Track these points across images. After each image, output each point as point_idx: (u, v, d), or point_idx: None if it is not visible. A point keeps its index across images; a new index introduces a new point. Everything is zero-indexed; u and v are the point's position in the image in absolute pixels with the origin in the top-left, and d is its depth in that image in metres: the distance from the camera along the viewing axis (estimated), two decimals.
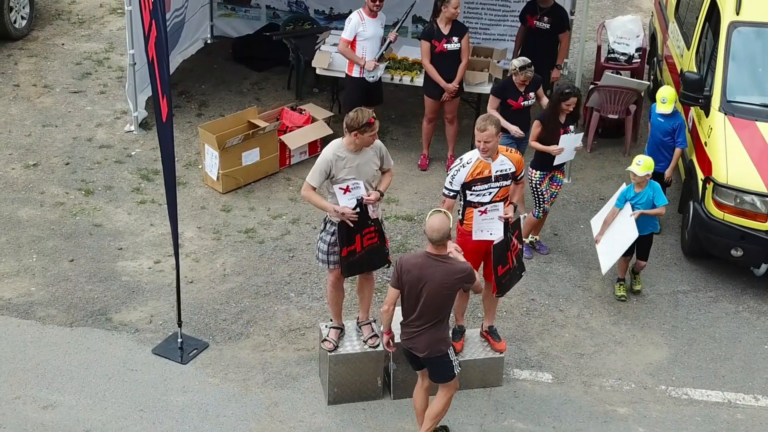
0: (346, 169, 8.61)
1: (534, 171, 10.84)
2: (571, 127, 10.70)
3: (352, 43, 11.98)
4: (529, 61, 11.03)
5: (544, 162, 10.77)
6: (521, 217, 11.15)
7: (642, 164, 10.19)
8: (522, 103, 11.16)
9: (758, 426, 9.23)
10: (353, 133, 8.55)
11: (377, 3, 11.85)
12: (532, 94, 11.21)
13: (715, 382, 9.70)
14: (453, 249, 9.00)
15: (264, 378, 9.47)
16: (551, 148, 10.59)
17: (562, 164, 10.93)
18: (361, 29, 11.89)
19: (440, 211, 8.18)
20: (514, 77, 11.06)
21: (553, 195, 11.06)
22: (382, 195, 8.94)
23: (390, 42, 12.19)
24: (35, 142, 12.82)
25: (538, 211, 10.98)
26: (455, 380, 8.52)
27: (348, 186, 8.60)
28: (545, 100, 11.29)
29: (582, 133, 10.84)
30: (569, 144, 10.66)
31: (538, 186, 10.86)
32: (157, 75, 9.04)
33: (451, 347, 8.43)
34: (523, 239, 10.83)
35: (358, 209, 8.66)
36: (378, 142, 8.83)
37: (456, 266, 8.11)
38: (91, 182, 12.12)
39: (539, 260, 11.14)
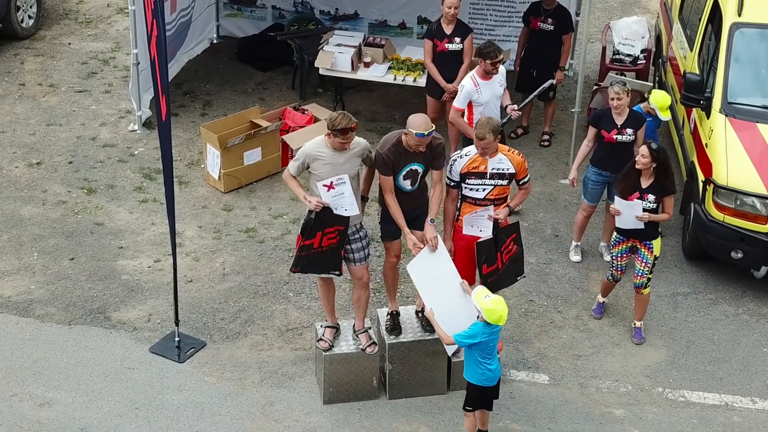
0: (326, 166, 8.61)
1: (614, 232, 10.02)
2: (650, 197, 9.56)
3: (469, 109, 11.07)
4: (625, 81, 10.15)
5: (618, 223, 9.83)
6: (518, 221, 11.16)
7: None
8: (614, 137, 10.36)
9: (755, 429, 9.20)
10: (327, 132, 8.60)
11: (497, 65, 10.88)
12: (629, 131, 10.38)
13: (713, 384, 9.66)
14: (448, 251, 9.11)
15: (260, 377, 9.49)
16: (611, 206, 9.81)
17: (649, 238, 9.75)
18: (476, 96, 10.93)
19: None
20: (610, 100, 10.41)
21: (639, 273, 9.82)
22: (366, 199, 9.04)
23: (509, 117, 11.20)
24: (39, 141, 12.88)
25: (608, 273, 10.14)
26: None
27: (332, 182, 8.60)
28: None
29: (641, 202, 9.55)
30: (626, 210, 9.59)
31: (611, 249, 10.01)
32: (158, 74, 9.07)
33: None
34: (599, 299, 10.38)
35: (328, 205, 8.65)
36: (363, 141, 8.82)
37: None
38: (94, 181, 12.17)
39: (539, 261, 11.12)
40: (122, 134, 13.11)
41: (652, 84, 13.65)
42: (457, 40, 11.95)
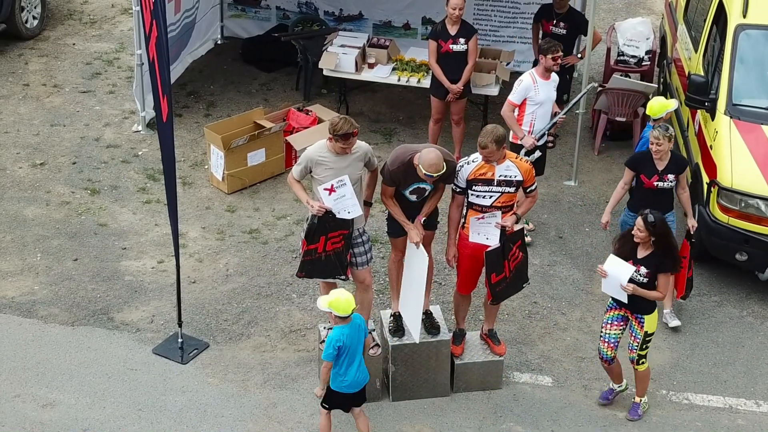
0: (329, 171, 8.60)
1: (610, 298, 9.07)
2: (642, 269, 8.62)
3: (522, 107, 10.84)
4: (669, 128, 9.71)
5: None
6: (524, 227, 11.11)
7: None
8: (655, 183, 9.73)
9: None
10: (329, 137, 8.58)
11: (558, 61, 10.73)
12: (671, 177, 9.75)
13: (717, 387, 9.64)
14: (451, 257, 9.09)
15: (263, 379, 9.48)
16: (599, 266, 8.86)
17: (641, 312, 8.81)
18: (533, 93, 10.69)
19: None
20: (650, 145, 9.70)
21: (630, 347, 8.90)
22: (369, 204, 9.08)
23: (557, 118, 10.94)
24: (43, 142, 12.88)
25: (598, 346, 9.10)
26: None
27: (332, 185, 8.58)
28: (686, 194, 9.95)
29: (631, 271, 8.62)
30: (615, 272, 8.67)
31: (603, 316, 9.09)
32: (157, 75, 9.06)
33: None
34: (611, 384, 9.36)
35: (330, 210, 8.64)
36: (365, 145, 8.81)
37: None
38: (98, 182, 12.16)
39: (543, 263, 11.10)
40: (126, 135, 13.11)
41: (655, 85, 13.65)
42: (462, 41, 11.93)
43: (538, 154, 10.78)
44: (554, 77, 10.94)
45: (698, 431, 9.15)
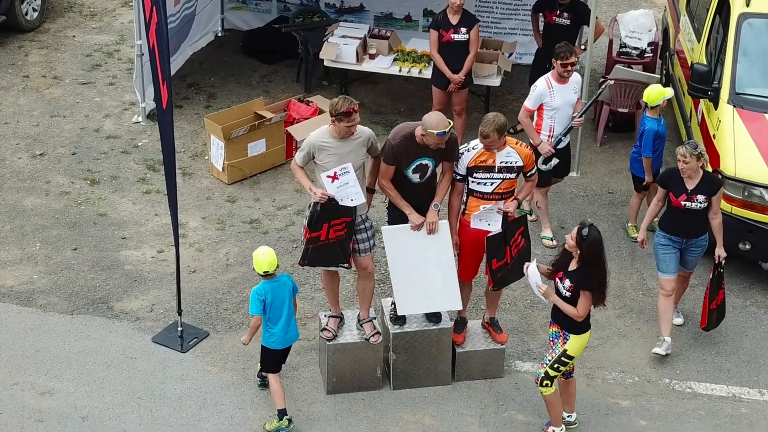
0: (332, 156, 8.52)
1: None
2: (567, 282, 8.25)
3: (539, 113, 10.68)
4: (698, 145, 9.44)
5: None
6: (527, 213, 11.05)
7: None
8: (683, 203, 9.36)
9: (762, 420, 9.13)
10: (331, 119, 8.50)
11: (568, 68, 10.48)
12: (701, 197, 9.32)
13: (720, 376, 9.59)
14: (453, 245, 9.04)
15: None
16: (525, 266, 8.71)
17: (568, 329, 8.41)
18: (548, 99, 10.49)
19: None
20: (677, 162, 9.37)
21: (543, 362, 8.61)
22: (372, 191, 8.99)
23: (571, 127, 10.73)
24: (43, 132, 12.83)
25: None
26: None
27: (335, 173, 8.51)
28: (717, 220, 9.49)
29: (537, 275, 8.42)
30: (532, 272, 8.48)
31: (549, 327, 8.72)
32: (157, 62, 9.02)
33: None
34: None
35: (333, 197, 8.57)
36: (368, 130, 8.73)
37: None
38: (97, 172, 12.11)
39: (545, 253, 11.03)
40: (126, 126, 13.06)
41: (658, 76, 13.59)
42: (463, 30, 11.88)
43: (555, 161, 10.68)
44: (574, 79, 10.64)
45: (701, 420, 9.10)
